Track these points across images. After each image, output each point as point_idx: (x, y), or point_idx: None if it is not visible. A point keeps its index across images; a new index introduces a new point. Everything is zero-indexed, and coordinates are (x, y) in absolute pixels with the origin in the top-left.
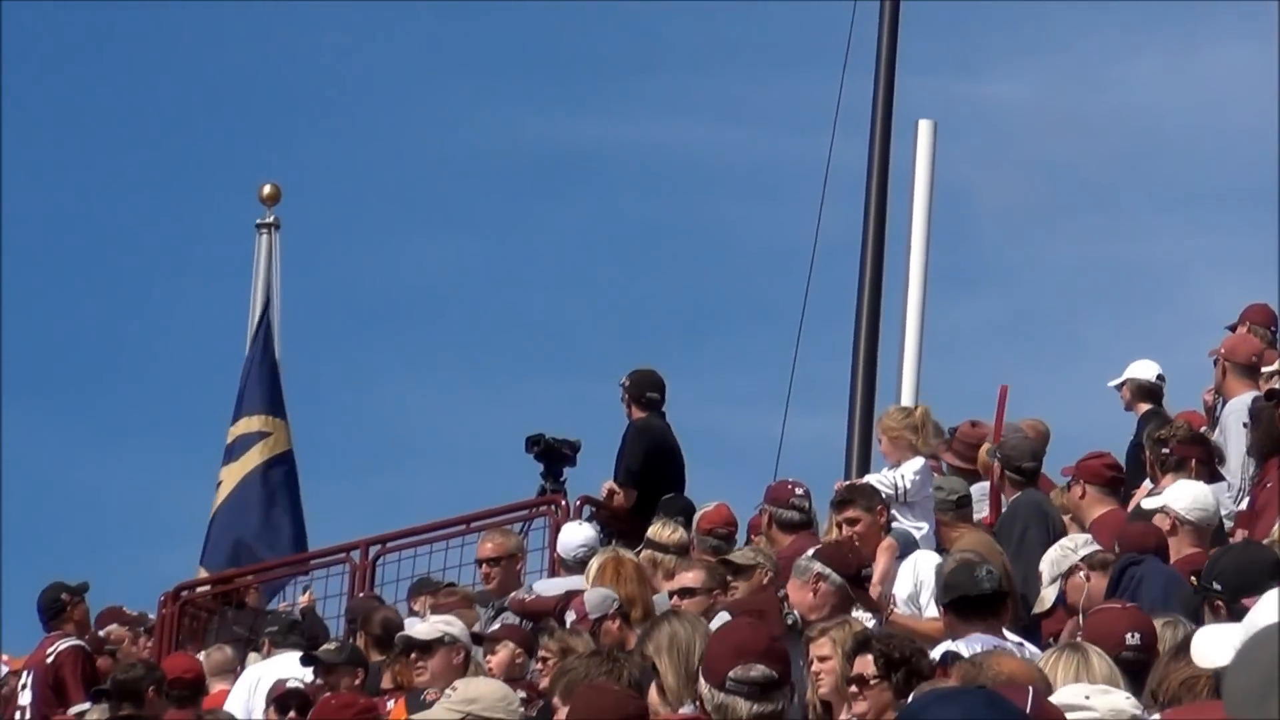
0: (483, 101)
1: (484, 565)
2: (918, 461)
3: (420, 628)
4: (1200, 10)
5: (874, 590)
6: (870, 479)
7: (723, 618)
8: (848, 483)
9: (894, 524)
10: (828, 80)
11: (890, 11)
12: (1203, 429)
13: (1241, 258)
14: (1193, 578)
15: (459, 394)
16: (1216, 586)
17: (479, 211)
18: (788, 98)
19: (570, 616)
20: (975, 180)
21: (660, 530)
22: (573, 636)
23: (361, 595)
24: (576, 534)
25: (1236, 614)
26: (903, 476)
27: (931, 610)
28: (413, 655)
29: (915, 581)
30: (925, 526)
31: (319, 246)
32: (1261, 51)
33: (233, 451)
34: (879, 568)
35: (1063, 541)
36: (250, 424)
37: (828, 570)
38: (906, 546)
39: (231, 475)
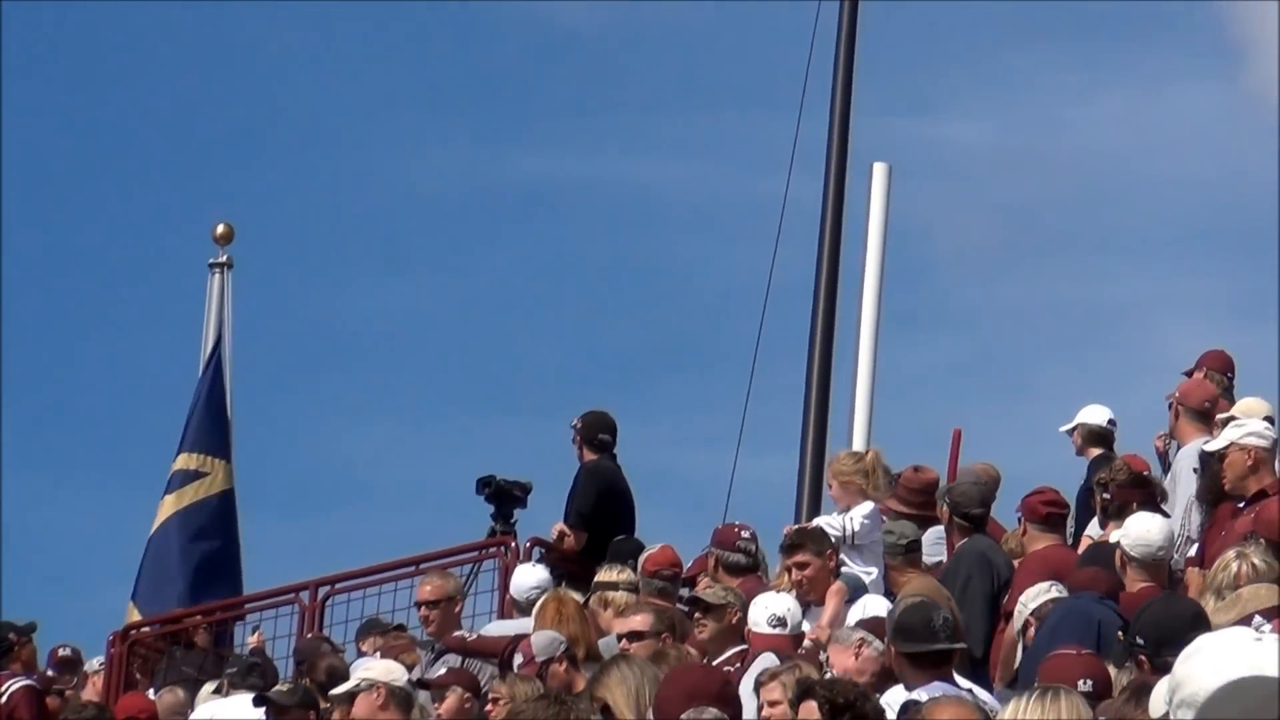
0: (436, 140)
1: (422, 608)
2: (867, 505)
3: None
4: (1160, 53)
5: (822, 634)
6: (819, 522)
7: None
8: (797, 527)
9: (843, 568)
10: (786, 120)
11: (845, 52)
12: (1145, 472)
13: (1200, 301)
14: (1120, 632)
15: (410, 434)
16: (1140, 641)
17: (431, 251)
18: (745, 137)
19: (518, 659)
20: (933, 221)
21: (607, 574)
22: (523, 681)
23: (310, 636)
24: (530, 576)
25: (1160, 668)
26: (852, 520)
27: None
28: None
29: None
30: (874, 571)
31: (272, 286)
32: (1221, 95)
33: (171, 484)
34: (828, 611)
35: (1024, 595)
36: (189, 460)
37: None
38: (856, 590)
39: (165, 509)
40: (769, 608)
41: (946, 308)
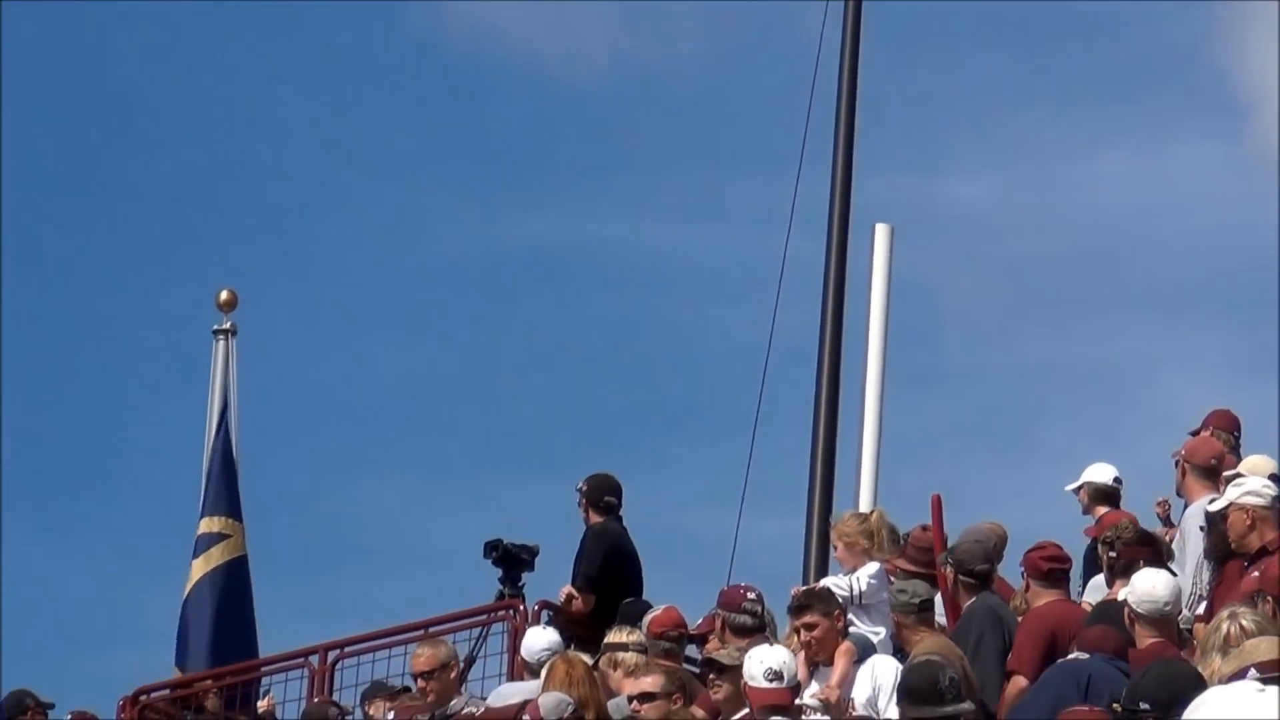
0: (439, 203)
1: (419, 680)
2: (873, 566)
3: None
4: (1163, 112)
5: (831, 694)
6: (826, 583)
7: None
8: (804, 588)
9: (851, 628)
10: (791, 180)
11: (846, 111)
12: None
13: (1205, 357)
14: (1115, 704)
15: (417, 497)
16: (1145, 706)
17: (436, 314)
18: (749, 197)
19: None
20: (938, 280)
21: (617, 636)
22: None
23: (317, 700)
24: (540, 638)
25: None
26: (859, 580)
27: (890, 713)
28: None
29: (874, 685)
30: (882, 630)
31: (277, 351)
32: (1224, 153)
33: (198, 547)
34: (836, 671)
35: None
36: (212, 524)
37: None
38: (864, 650)
39: (195, 571)
40: (764, 661)
41: (952, 366)
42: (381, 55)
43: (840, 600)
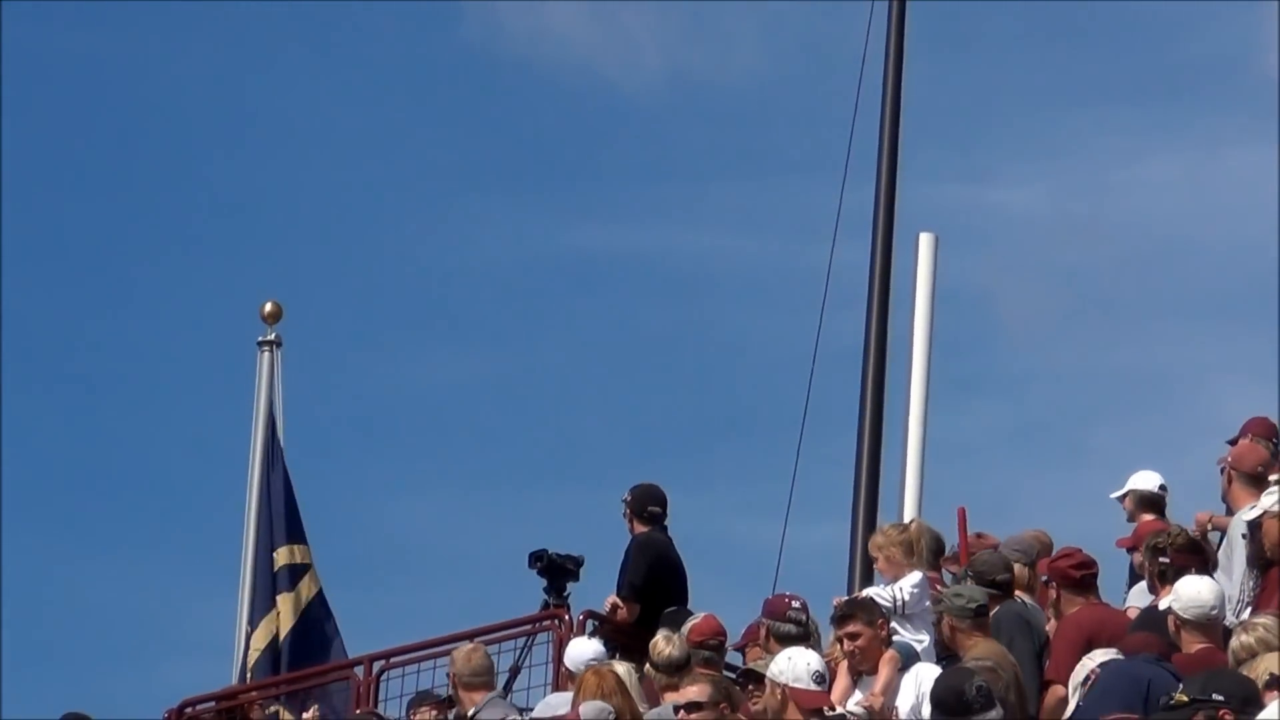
0: (485, 212)
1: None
2: (915, 575)
3: None
4: (1212, 115)
5: (876, 701)
6: (869, 592)
7: None
8: (847, 598)
9: (895, 637)
10: (838, 188)
11: (891, 118)
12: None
13: (1254, 364)
14: (1180, 694)
15: (463, 506)
16: (1218, 697)
17: (482, 323)
18: (797, 205)
19: None
20: (985, 287)
21: (658, 644)
22: None
23: (360, 712)
24: (586, 648)
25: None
26: (901, 589)
27: None
28: None
29: (918, 693)
30: (926, 639)
31: (323, 362)
32: (1272, 156)
33: (280, 582)
34: (880, 679)
35: (1087, 656)
36: (293, 554)
37: None
38: (908, 659)
39: (286, 604)
40: (810, 664)
41: (1002, 373)
42: (434, 60)
43: (883, 609)
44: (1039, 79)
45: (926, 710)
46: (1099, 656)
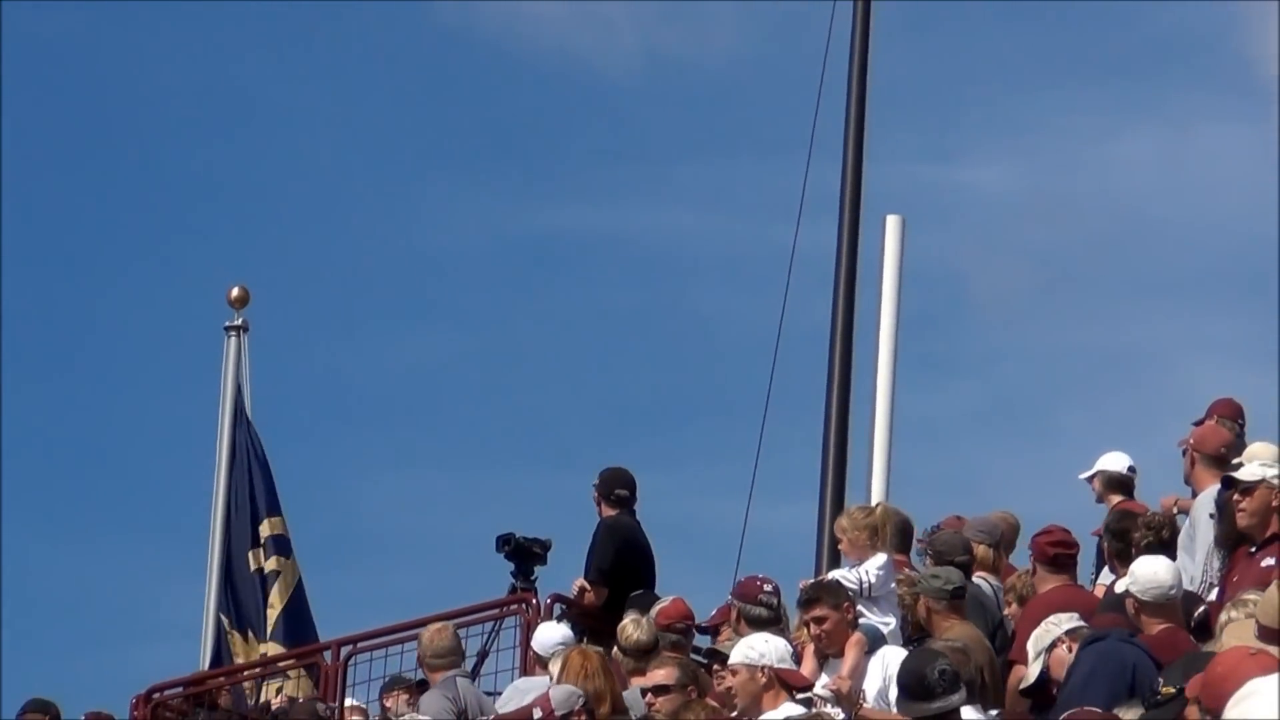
0: (454, 194)
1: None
2: (881, 557)
3: None
4: (1183, 94)
5: (843, 684)
6: (835, 574)
7: None
8: (813, 581)
9: (861, 619)
10: (805, 167)
11: (857, 100)
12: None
13: (1224, 343)
14: (1165, 686)
15: (433, 490)
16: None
17: (450, 307)
18: (764, 184)
19: (537, 714)
20: (956, 266)
21: (627, 628)
22: None
23: (303, 700)
24: (554, 632)
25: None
26: (867, 572)
27: None
28: None
29: (885, 676)
30: (892, 621)
31: (291, 346)
32: (1247, 135)
33: (279, 544)
34: (847, 663)
35: (1049, 620)
36: (276, 524)
37: None
38: (874, 641)
39: (287, 568)
40: (785, 646)
41: (974, 353)
42: (401, 46)
43: (849, 592)
44: (1009, 59)
45: (894, 693)
46: (1064, 622)
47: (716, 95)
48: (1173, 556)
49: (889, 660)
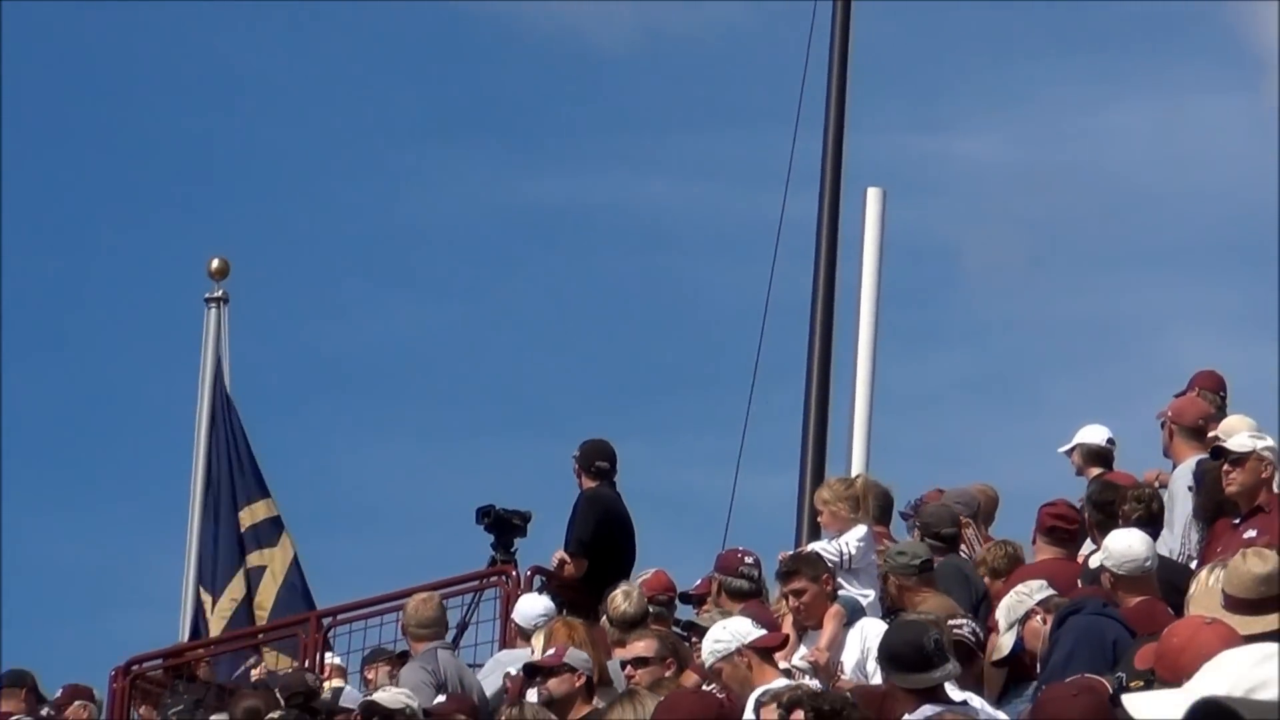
0: (441, 164)
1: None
2: (861, 529)
3: (383, 695)
4: (1175, 64)
5: (820, 656)
6: (815, 546)
7: None
8: (792, 553)
9: (841, 591)
10: (799, 139)
11: (839, 69)
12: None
13: (1212, 313)
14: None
15: (417, 460)
16: None
17: (437, 275)
18: (752, 155)
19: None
20: (945, 237)
21: (616, 599)
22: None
23: (294, 668)
24: (536, 604)
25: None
26: (847, 544)
27: (879, 677)
28: None
29: (863, 649)
30: (871, 593)
31: (272, 316)
32: (1235, 105)
33: (263, 534)
34: (825, 635)
35: (1018, 588)
36: (270, 507)
37: None
38: (854, 613)
39: (275, 560)
40: (745, 621)
41: (960, 324)
42: (386, 15)
43: (829, 564)
44: (1000, 28)
45: (872, 664)
46: (1036, 592)
47: (710, 68)
48: (1159, 529)
49: (867, 632)
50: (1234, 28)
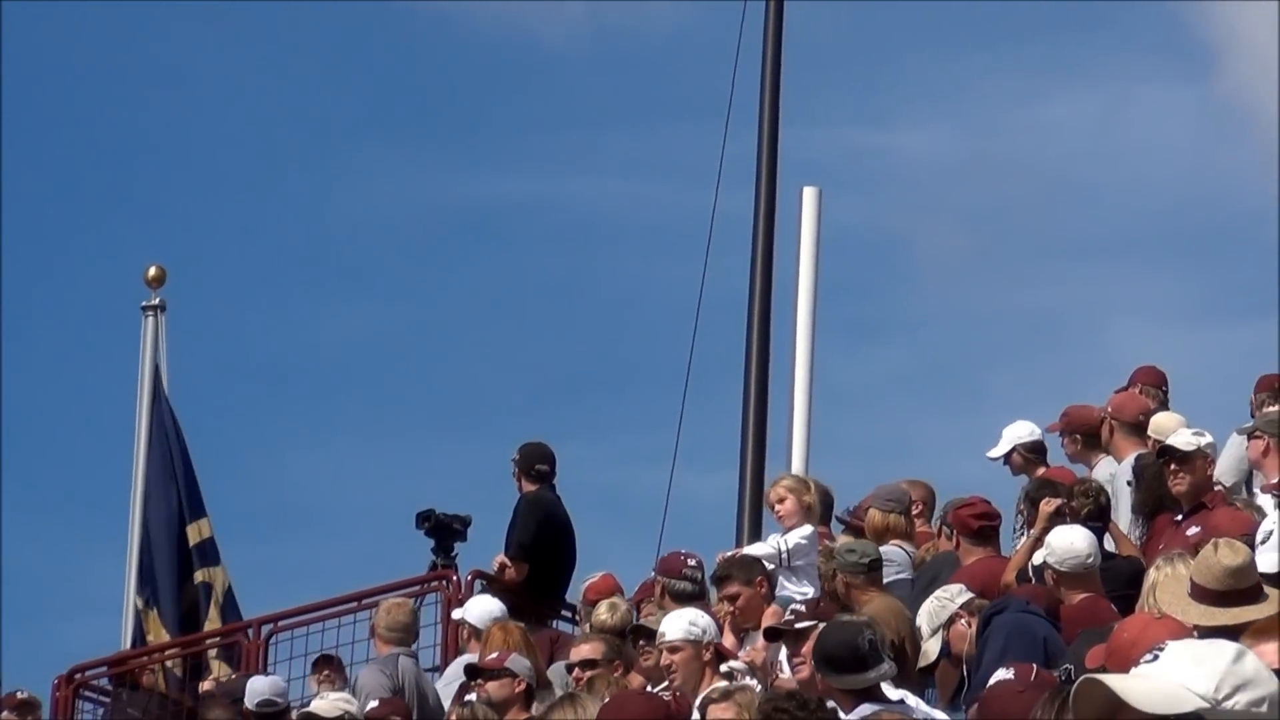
0: (376, 164)
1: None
2: (806, 527)
3: (320, 704)
4: (1116, 53)
5: (758, 656)
6: (752, 548)
7: None
8: (725, 557)
9: (781, 590)
10: (737, 135)
11: (772, 66)
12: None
13: (1152, 304)
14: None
15: (358, 463)
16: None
17: (375, 276)
18: (695, 152)
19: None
20: (886, 230)
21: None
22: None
23: (240, 675)
24: (492, 604)
25: None
26: (787, 541)
27: None
28: None
29: None
30: (810, 591)
31: (211, 322)
32: (1182, 97)
33: (207, 554)
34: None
35: (938, 593)
36: (204, 529)
37: None
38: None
39: (218, 580)
40: (694, 621)
41: (901, 317)
42: (324, 9)
43: (765, 565)
44: (938, 22)
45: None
46: (958, 596)
47: (655, 64)
48: (1106, 524)
49: None
50: (1176, 18)
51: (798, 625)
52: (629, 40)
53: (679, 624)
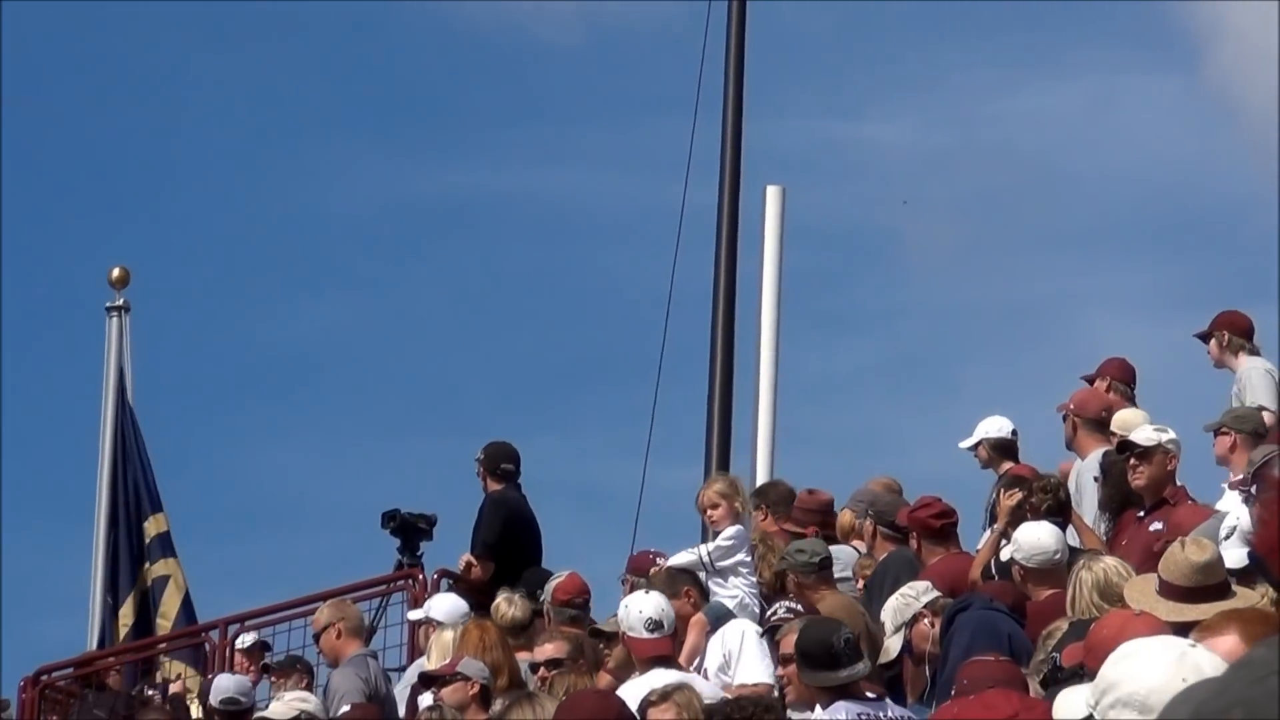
0: (346, 158)
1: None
2: (732, 529)
3: (276, 706)
4: (1091, 45)
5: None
6: (675, 559)
7: None
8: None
9: (713, 596)
10: (698, 128)
11: (736, 60)
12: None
13: (1129, 295)
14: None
15: (320, 462)
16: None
17: (345, 271)
18: (659, 147)
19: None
20: (858, 223)
21: (500, 606)
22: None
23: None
24: (460, 603)
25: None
26: (707, 546)
27: (743, 677)
28: None
29: (724, 652)
30: (739, 593)
31: (175, 322)
32: (1160, 87)
33: (165, 547)
34: (688, 645)
35: (902, 590)
36: (162, 522)
37: None
38: (719, 619)
39: (177, 572)
40: (643, 611)
41: (873, 310)
42: (288, 8)
43: (690, 576)
44: (910, 14)
45: (735, 666)
46: (922, 594)
47: (639, 60)
48: (1068, 518)
49: (727, 636)
50: (1156, 6)
51: None
52: (619, 36)
53: (651, 606)
